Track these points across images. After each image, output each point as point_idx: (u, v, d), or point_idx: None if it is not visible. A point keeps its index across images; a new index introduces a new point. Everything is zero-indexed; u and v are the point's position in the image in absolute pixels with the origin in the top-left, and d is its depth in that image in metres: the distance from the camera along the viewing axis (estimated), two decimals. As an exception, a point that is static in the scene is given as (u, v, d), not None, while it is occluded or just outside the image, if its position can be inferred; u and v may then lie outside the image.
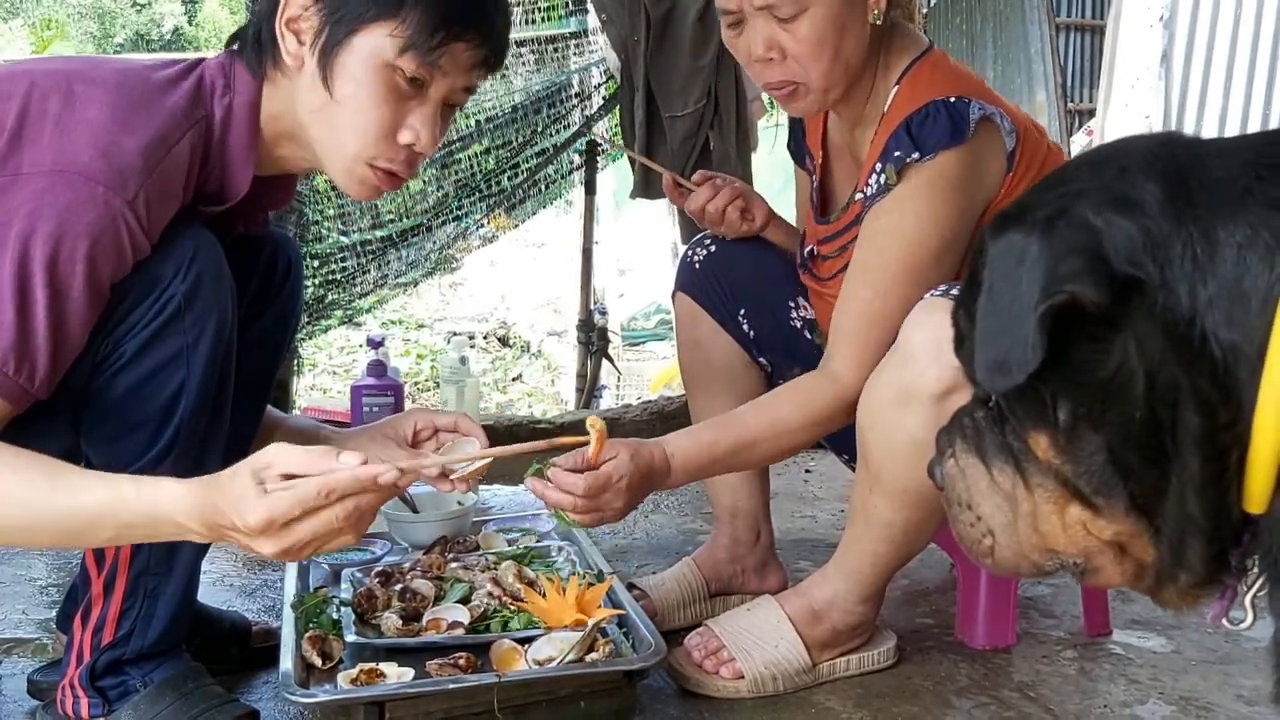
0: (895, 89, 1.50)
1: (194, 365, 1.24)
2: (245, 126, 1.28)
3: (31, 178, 1.11)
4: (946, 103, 1.43)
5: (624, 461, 1.40)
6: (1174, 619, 1.81)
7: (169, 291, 1.22)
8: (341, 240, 3.88)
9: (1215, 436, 0.72)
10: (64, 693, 1.33)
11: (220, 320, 1.26)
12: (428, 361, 7.85)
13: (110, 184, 1.13)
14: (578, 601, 1.51)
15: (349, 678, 1.36)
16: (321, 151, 1.31)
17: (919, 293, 1.42)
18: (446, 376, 2.61)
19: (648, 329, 8.66)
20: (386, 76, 1.25)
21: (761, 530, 1.80)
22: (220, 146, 1.28)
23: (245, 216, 1.41)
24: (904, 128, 1.44)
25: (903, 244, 1.45)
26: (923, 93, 1.46)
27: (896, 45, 1.53)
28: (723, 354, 1.76)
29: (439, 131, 1.31)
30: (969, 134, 1.42)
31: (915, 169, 1.43)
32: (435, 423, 1.46)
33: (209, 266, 1.25)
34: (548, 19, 4.24)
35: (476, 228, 4.36)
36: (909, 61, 1.52)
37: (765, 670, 1.51)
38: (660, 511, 2.43)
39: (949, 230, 1.45)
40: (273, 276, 1.48)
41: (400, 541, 1.85)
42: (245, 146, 1.29)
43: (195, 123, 1.24)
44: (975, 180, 1.45)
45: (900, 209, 1.45)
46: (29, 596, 1.89)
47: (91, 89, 1.18)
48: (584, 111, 4.31)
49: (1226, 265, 0.69)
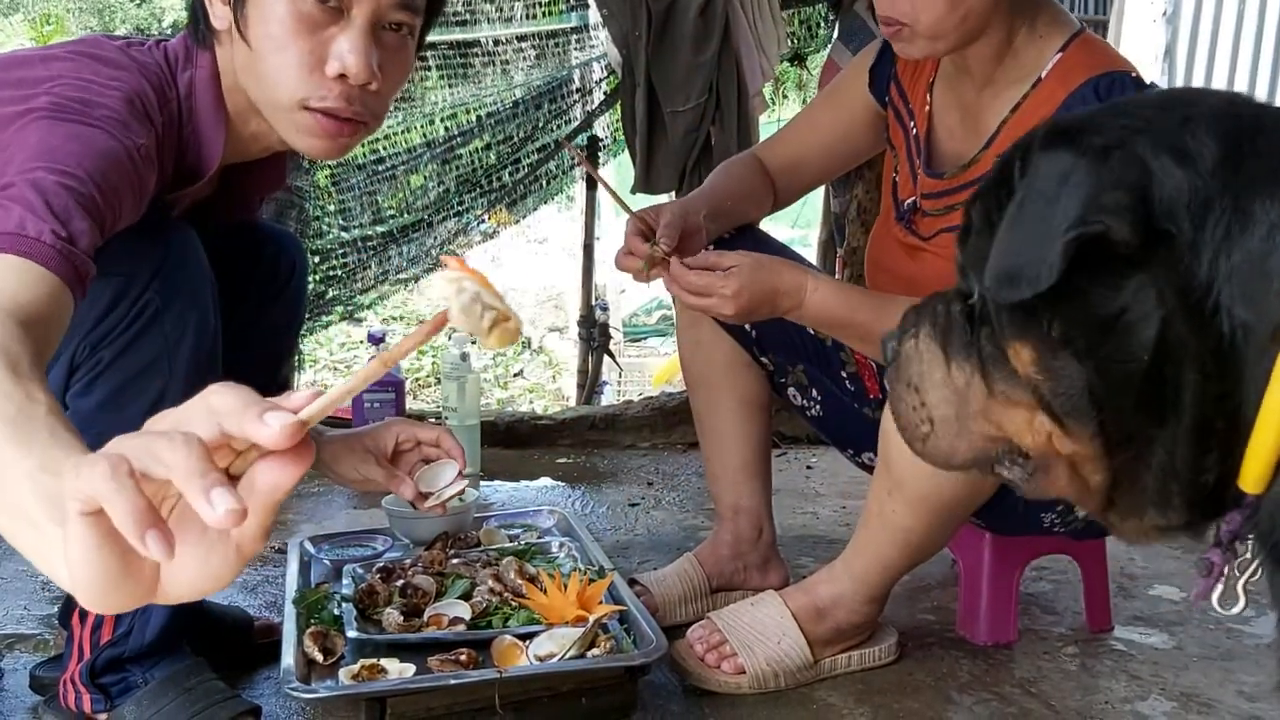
0: (1057, 57, 1.47)
1: (175, 370, 1.21)
2: (210, 95, 1.26)
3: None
4: (1129, 75, 1.42)
5: (745, 268, 1.44)
6: (1176, 615, 1.81)
7: (145, 296, 1.19)
8: (342, 236, 3.87)
9: (1209, 404, 0.71)
10: (65, 688, 1.33)
11: (201, 321, 1.23)
12: (428, 357, 7.84)
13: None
14: (579, 597, 1.51)
15: (351, 673, 1.36)
16: (266, 114, 1.25)
17: None
18: (448, 372, 2.60)
19: (649, 325, 8.67)
20: (295, 7, 1.17)
21: (764, 527, 1.79)
22: (189, 119, 1.26)
23: (236, 203, 1.39)
24: (1090, 89, 1.41)
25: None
26: (1094, 64, 1.43)
27: (1047, 17, 1.50)
28: (724, 354, 1.76)
29: (373, 58, 1.19)
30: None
31: None
32: (418, 436, 1.41)
33: (187, 266, 1.22)
34: (549, 14, 4.23)
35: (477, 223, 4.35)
36: (1069, 35, 1.49)
37: (767, 667, 1.51)
38: (661, 508, 2.42)
39: None
40: (275, 277, 1.47)
41: (401, 537, 1.85)
42: (213, 112, 1.26)
43: (161, 88, 1.22)
44: None
45: None
46: (30, 592, 1.89)
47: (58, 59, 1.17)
48: (585, 107, 4.31)
49: (1254, 240, 0.69)
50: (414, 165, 4.05)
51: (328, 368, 7.48)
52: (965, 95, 1.57)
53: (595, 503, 2.46)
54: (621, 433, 2.96)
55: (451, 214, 4.13)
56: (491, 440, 2.87)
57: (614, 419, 3.04)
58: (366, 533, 1.87)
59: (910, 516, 1.46)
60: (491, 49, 4.19)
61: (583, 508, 2.41)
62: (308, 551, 1.77)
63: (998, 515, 1.55)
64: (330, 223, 3.82)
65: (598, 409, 3.37)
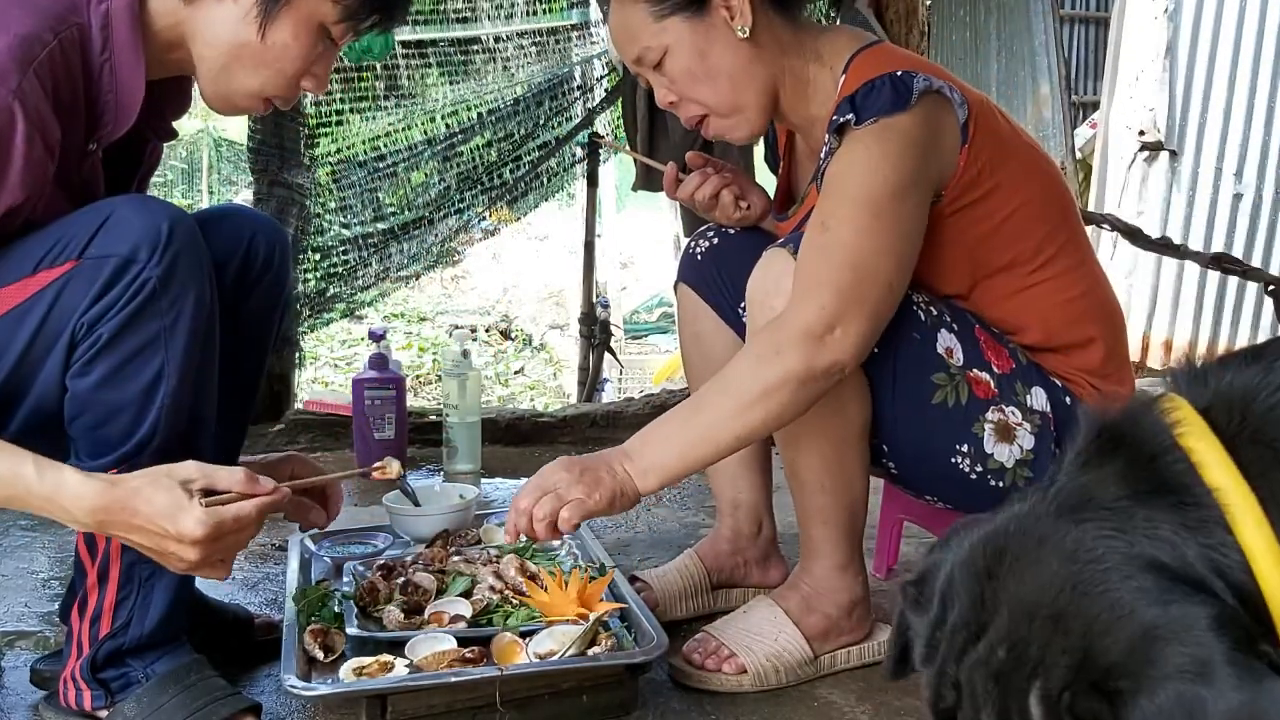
0: (843, 77, 1.49)
1: (172, 348, 1.23)
2: (128, 30, 1.26)
3: None
4: (892, 75, 1.41)
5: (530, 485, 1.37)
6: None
7: (144, 274, 1.20)
8: (343, 233, 3.86)
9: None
10: (66, 685, 1.33)
11: (198, 299, 1.25)
12: (430, 355, 7.84)
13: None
14: (580, 595, 1.51)
15: (360, 668, 1.36)
16: (212, 74, 1.32)
17: (878, 229, 1.36)
18: (448, 370, 2.60)
19: (650, 322, 8.66)
20: (319, 36, 1.32)
21: (763, 523, 1.79)
22: (105, 55, 1.25)
23: (153, 128, 1.41)
24: (848, 101, 1.42)
25: (853, 184, 1.39)
26: (868, 72, 1.44)
27: (831, 45, 1.53)
28: (724, 347, 1.75)
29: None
30: (912, 101, 1.39)
31: (857, 130, 1.40)
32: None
33: (184, 244, 1.23)
34: (549, 11, 4.22)
35: (478, 220, 4.35)
36: (852, 53, 1.51)
37: (767, 662, 1.51)
38: (663, 505, 2.42)
39: (906, 176, 1.37)
40: (253, 263, 1.46)
41: (402, 535, 1.85)
42: (132, 51, 1.26)
43: (68, 27, 1.21)
44: (927, 144, 1.41)
45: (849, 153, 1.41)
46: (31, 590, 1.89)
47: None
48: (586, 104, 4.30)
49: None
50: (415, 162, 4.05)
51: (329, 364, 7.49)
52: (808, 140, 1.63)
53: (596, 500, 2.45)
54: (623, 430, 2.96)
55: (452, 211, 4.13)
56: (492, 437, 2.87)
57: (615, 416, 3.04)
58: (367, 530, 1.87)
59: (803, 457, 1.49)
60: (492, 46, 4.19)
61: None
62: (308, 549, 1.77)
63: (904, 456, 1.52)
64: (331, 220, 3.82)
65: (599, 406, 3.38)
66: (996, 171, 1.47)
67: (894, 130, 1.39)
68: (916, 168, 1.39)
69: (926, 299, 1.50)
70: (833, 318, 1.33)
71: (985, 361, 1.49)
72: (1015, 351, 1.52)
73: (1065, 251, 1.52)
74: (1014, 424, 1.48)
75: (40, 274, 1.21)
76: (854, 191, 1.38)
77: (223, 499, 1.17)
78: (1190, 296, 5.27)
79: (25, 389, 1.24)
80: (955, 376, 1.47)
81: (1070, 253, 1.53)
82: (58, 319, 1.21)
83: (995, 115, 1.50)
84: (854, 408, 1.47)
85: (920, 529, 1.96)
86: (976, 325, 1.52)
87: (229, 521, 1.16)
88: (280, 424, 2.92)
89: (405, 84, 3.99)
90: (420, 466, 2.73)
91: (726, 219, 1.73)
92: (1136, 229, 3.07)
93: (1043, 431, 1.48)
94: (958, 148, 1.44)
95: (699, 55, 1.48)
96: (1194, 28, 5.26)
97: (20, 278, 1.21)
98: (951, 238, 1.48)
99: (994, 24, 5.51)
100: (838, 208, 1.38)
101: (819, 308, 1.33)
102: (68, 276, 1.20)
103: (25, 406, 1.25)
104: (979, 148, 1.45)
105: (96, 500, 1.13)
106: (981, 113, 1.47)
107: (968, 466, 1.48)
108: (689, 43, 1.47)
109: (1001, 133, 1.49)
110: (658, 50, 1.49)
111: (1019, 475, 1.49)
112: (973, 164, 1.45)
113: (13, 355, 1.22)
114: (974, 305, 1.53)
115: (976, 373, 1.48)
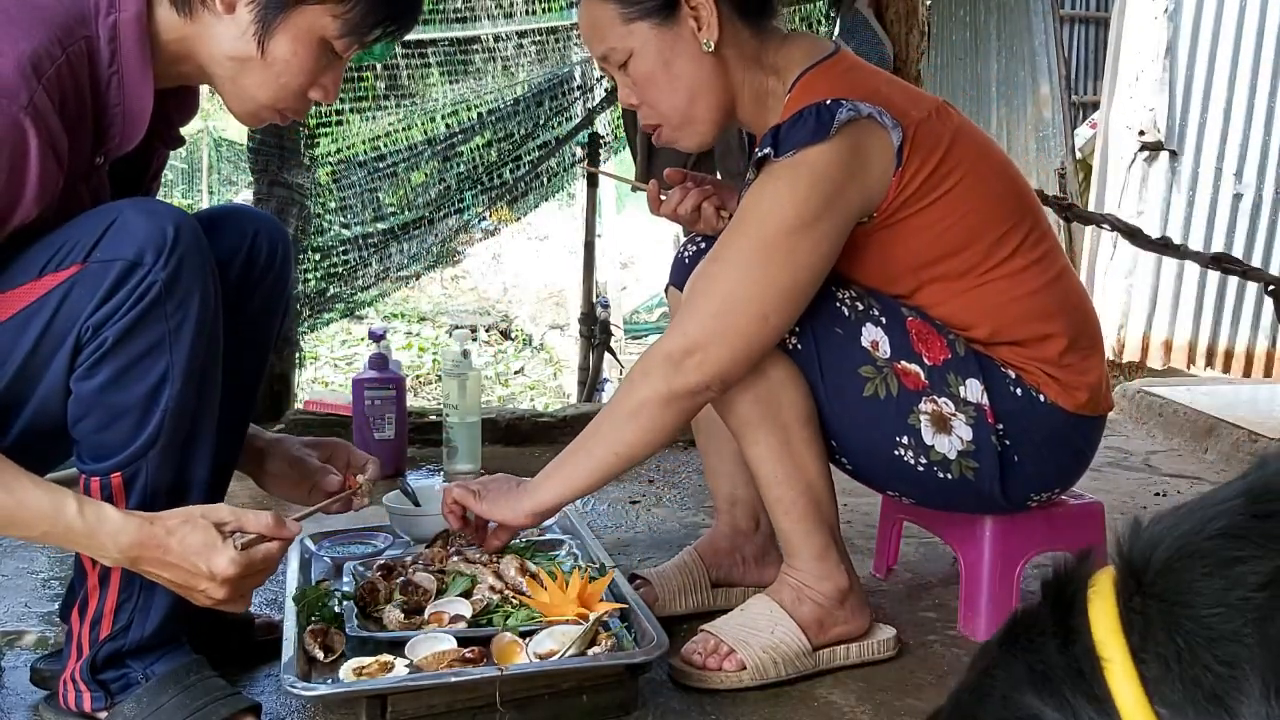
0: (787, 97, 1.51)
1: (177, 350, 1.24)
2: (136, 43, 1.26)
3: None
4: (819, 105, 1.43)
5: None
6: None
7: (149, 277, 1.21)
8: (343, 233, 3.86)
9: None
10: (65, 686, 1.33)
11: (203, 301, 1.26)
12: (430, 355, 7.85)
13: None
14: (580, 595, 1.51)
15: (360, 668, 1.36)
16: (226, 88, 1.34)
17: (763, 264, 1.41)
18: (448, 370, 2.61)
19: (650, 322, 8.67)
20: (321, 49, 1.32)
21: (760, 518, 1.80)
22: (113, 68, 1.25)
23: (161, 136, 1.41)
24: (772, 133, 1.45)
25: (752, 218, 1.44)
26: (803, 98, 1.46)
27: (787, 58, 1.54)
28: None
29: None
30: (830, 133, 1.41)
31: (773, 164, 1.43)
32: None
33: (189, 248, 1.24)
34: (549, 10, 4.22)
35: (478, 220, 4.35)
36: (801, 70, 1.52)
37: (765, 655, 1.51)
38: (662, 505, 2.42)
39: (808, 212, 1.41)
40: (256, 261, 1.46)
41: (402, 535, 1.85)
42: (140, 65, 1.27)
43: (77, 40, 1.21)
44: (846, 174, 1.43)
45: (760, 187, 1.45)
46: (31, 590, 1.89)
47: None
48: (586, 104, 4.30)
49: None
50: (415, 162, 4.05)
51: (329, 364, 7.49)
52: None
53: (596, 500, 2.46)
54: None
55: (452, 211, 4.13)
56: (492, 437, 2.87)
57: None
58: (367, 530, 1.87)
59: (751, 449, 1.52)
60: (492, 46, 4.19)
61: (583, 505, 2.41)
62: (308, 549, 1.77)
63: (852, 451, 1.57)
64: (331, 220, 3.82)
65: (599, 406, 3.37)
66: (941, 184, 1.49)
67: (806, 165, 1.42)
68: (827, 199, 1.43)
69: (854, 294, 1.53)
70: (692, 344, 1.42)
71: (915, 353, 1.52)
72: (954, 343, 1.54)
73: (1021, 252, 1.54)
74: (947, 414, 1.51)
75: (46, 277, 1.21)
76: (750, 227, 1.44)
77: (252, 539, 1.24)
78: (1190, 296, 5.26)
79: (30, 392, 1.24)
80: (883, 369, 1.50)
81: (1026, 252, 1.54)
82: (63, 322, 1.21)
83: (944, 129, 1.51)
84: (787, 396, 1.50)
85: (920, 529, 1.96)
86: (910, 318, 1.54)
87: (258, 561, 1.24)
88: (280, 424, 2.92)
89: (405, 84, 3.99)
90: (420, 466, 2.73)
91: (710, 229, 1.71)
92: (1136, 229, 3.07)
93: (979, 422, 1.51)
94: (890, 170, 1.46)
95: (663, 63, 1.50)
96: (1194, 28, 5.26)
97: (26, 281, 1.22)
98: (890, 246, 1.52)
99: (994, 24, 5.51)
100: (733, 240, 1.45)
101: (681, 334, 1.43)
102: (73, 280, 1.21)
103: (29, 409, 1.25)
104: (917, 167, 1.47)
105: (134, 537, 1.19)
106: (922, 132, 1.48)
107: (912, 458, 1.52)
108: (654, 49, 1.50)
109: (952, 145, 1.50)
110: (623, 52, 1.51)
111: (964, 466, 1.53)
112: (910, 183, 1.47)
113: (18, 358, 1.22)
114: (920, 303, 1.56)
115: (904, 364, 1.51)
